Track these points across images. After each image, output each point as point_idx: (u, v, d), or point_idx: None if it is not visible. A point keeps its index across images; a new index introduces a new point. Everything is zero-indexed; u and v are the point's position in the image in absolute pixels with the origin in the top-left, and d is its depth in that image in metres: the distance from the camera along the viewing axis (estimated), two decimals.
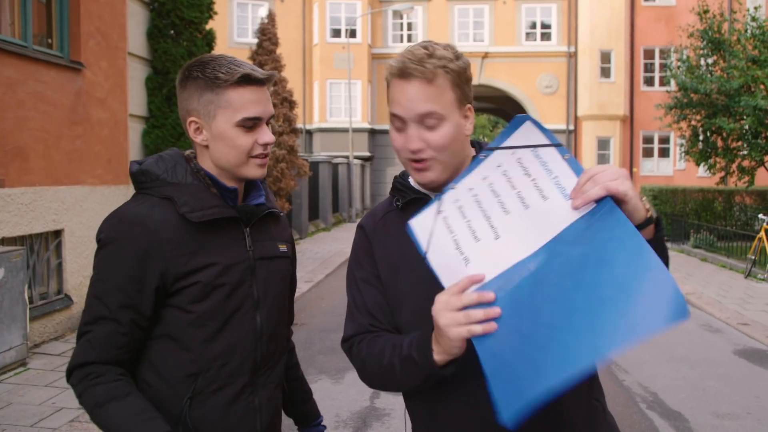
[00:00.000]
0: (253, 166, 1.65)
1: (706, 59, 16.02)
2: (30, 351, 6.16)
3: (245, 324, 1.66)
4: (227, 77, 1.58)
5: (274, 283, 1.74)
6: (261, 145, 1.64)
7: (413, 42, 16.35)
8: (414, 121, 1.52)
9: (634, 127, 28.10)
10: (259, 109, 1.62)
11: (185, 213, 1.59)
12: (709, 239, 15.14)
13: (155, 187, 1.62)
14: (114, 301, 1.57)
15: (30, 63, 6.49)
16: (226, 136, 1.62)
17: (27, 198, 6.41)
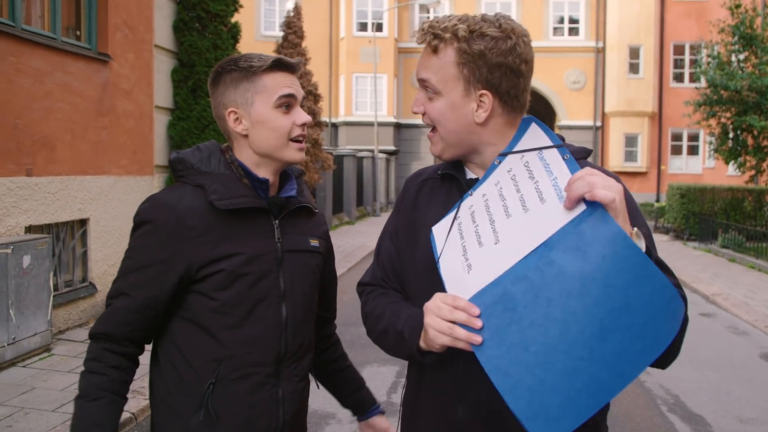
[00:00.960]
0: (292, 149, 1.70)
1: (738, 55, 15.76)
2: (54, 337, 6.26)
3: (270, 315, 1.68)
4: (261, 64, 1.67)
5: (301, 276, 1.76)
6: (299, 126, 1.70)
7: None
8: (420, 85, 1.55)
9: (662, 124, 27.74)
10: (293, 89, 1.70)
11: (213, 200, 1.63)
12: (737, 239, 14.91)
13: (190, 175, 1.68)
14: (134, 280, 1.65)
15: (58, 54, 6.57)
16: (267, 119, 1.68)
17: (53, 187, 6.49)
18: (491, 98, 1.49)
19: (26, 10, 6.52)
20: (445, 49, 1.47)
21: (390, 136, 28.78)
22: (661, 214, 19.92)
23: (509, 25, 1.47)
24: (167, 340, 1.71)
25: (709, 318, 8.86)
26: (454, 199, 1.59)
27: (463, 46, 1.45)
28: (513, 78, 1.48)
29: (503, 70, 1.46)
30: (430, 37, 1.49)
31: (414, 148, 29.73)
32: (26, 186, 6.12)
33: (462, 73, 1.47)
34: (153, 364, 1.77)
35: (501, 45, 1.45)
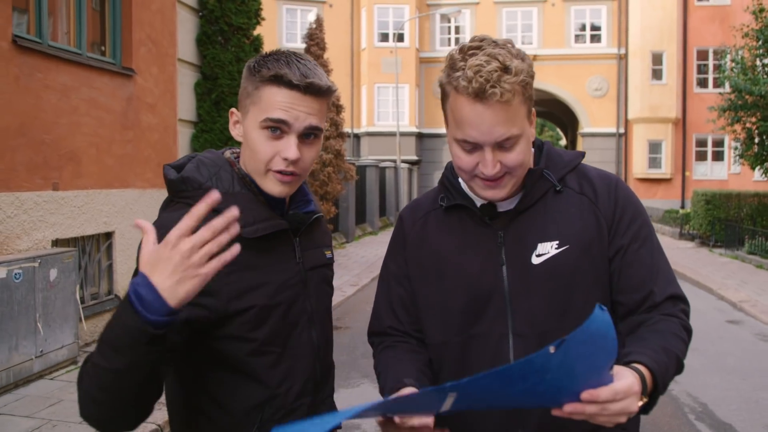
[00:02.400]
0: (271, 180, 1.47)
1: (762, 59, 15.56)
2: (81, 350, 6.33)
3: (303, 341, 1.54)
4: (265, 73, 1.44)
5: (323, 292, 1.65)
6: (282, 160, 1.44)
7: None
8: (491, 146, 1.42)
9: (686, 129, 27.46)
10: (287, 114, 1.43)
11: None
12: (765, 245, 14.68)
13: (197, 196, 1.34)
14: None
15: (84, 70, 6.68)
16: (250, 137, 1.47)
17: (79, 201, 6.59)
18: (534, 113, 1.52)
19: (52, 27, 6.65)
20: (517, 96, 1.40)
21: (412, 146, 28.80)
22: (687, 220, 19.70)
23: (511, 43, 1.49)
24: (196, 391, 1.50)
25: (736, 325, 8.74)
26: (469, 227, 1.58)
27: (522, 81, 1.40)
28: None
29: (532, 85, 1.48)
30: (508, 86, 1.37)
31: (436, 157, 29.72)
32: (53, 200, 6.22)
33: (526, 105, 1.45)
34: (176, 415, 1.58)
35: (531, 63, 1.46)
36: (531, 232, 1.53)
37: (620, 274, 1.53)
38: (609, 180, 1.60)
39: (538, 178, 1.55)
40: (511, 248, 1.54)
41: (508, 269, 1.53)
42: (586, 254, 1.51)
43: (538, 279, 1.50)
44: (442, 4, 28.86)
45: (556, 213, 1.54)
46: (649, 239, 1.56)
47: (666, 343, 1.40)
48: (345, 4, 29.34)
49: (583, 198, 1.56)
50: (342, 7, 29.29)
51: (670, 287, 1.52)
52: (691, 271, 12.85)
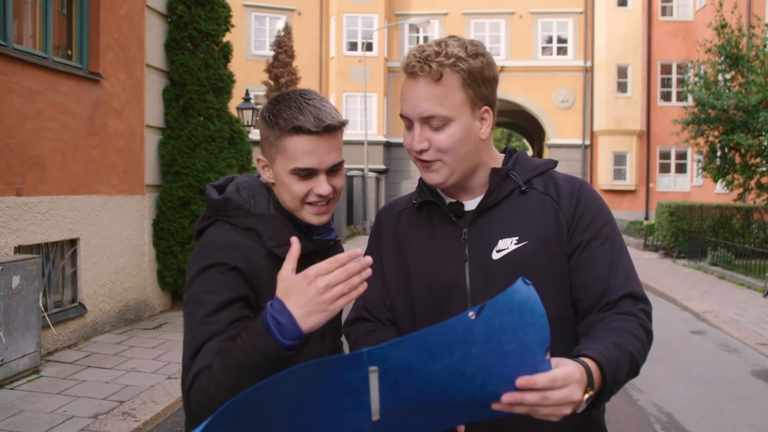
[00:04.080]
0: (308, 212, 1.62)
1: (724, 75, 15.91)
2: (43, 359, 6.19)
3: (315, 351, 1.64)
4: (283, 124, 1.56)
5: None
6: (317, 195, 1.59)
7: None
8: (419, 121, 1.50)
9: (650, 142, 27.95)
10: (313, 160, 1.56)
11: (272, 248, 1.57)
12: (726, 257, 14.98)
13: (237, 216, 1.60)
14: (223, 320, 1.48)
15: (49, 74, 6.56)
16: (283, 182, 1.60)
17: (43, 207, 6.45)
18: (490, 113, 1.55)
19: (17, 30, 6.53)
20: (451, 75, 1.48)
21: (380, 155, 28.84)
22: (651, 232, 20.01)
23: (481, 44, 1.55)
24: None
25: (700, 335, 8.88)
26: (436, 224, 1.63)
27: (465, 67, 1.48)
28: (495, 90, 1.57)
29: (493, 84, 1.54)
30: (433, 65, 1.47)
31: (404, 167, 29.79)
32: (16, 206, 6.08)
33: (467, 94, 1.50)
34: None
35: (490, 61, 1.53)
36: (493, 229, 1.56)
37: (578, 270, 1.54)
38: (574, 182, 1.64)
39: (503, 178, 1.59)
40: (474, 245, 1.57)
41: (470, 265, 1.56)
42: (545, 250, 1.53)
43: (498, 274, 1.52)
44: (411, 14, 29.01)
45: (519, 211, 1.57)
46: (611, 238, 1.56)
47: (618, 339, 1.39)
48: (314, 12, 29.33)
49: (546, 197, 1.59)
50: (311, 16, 29.27)
51: (629, 285, 1.51)
52: (655, 282, 13.05)
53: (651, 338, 1.48)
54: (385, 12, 28.73)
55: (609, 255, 1.53)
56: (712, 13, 17.21)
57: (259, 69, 23.66)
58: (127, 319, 7.93)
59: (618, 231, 1.60)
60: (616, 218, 8.93)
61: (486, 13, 29.22)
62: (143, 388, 5.60)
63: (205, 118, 8.77)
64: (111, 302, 7.60)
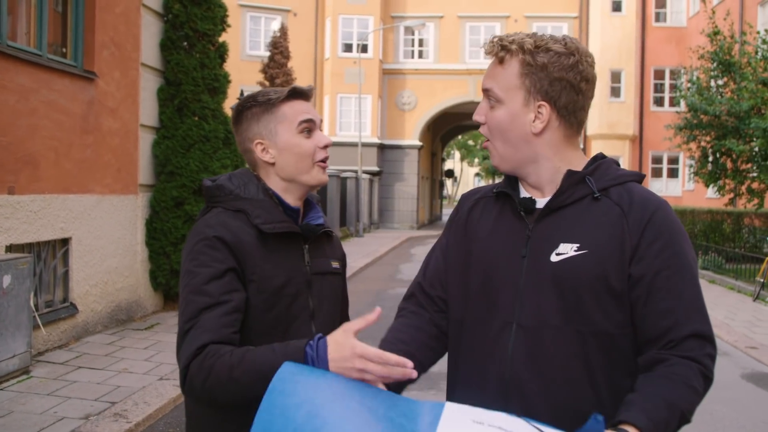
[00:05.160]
0: (318, 170, 1.84)
1: (717, 81, 16.00)
2: (33, 359, 6.16)
3: (302, 333, 1.76)
4: (278, 95, 1.82)
5: (327, 296, 1.88)
6: (321, 149, 1.84)
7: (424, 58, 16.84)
8: (483, 94, 1.62)
9: (643, 147, 28.07)
10: (310, 114, 1.83)
11: (259, 224, 1.73)
12: (717, 261, 15.06)
13: (228, 201, 1.78)
14: (215, 290, 1.64)
15: (44, 72, 6.54)
16: (292, 145, 1.82)
17: (36, 206, 6.43)
18: (548, 110, 1.56)
19: (12, 27, 6.50)
20: (511, 60, 1.55)
21: (374, 156, 28.83)
22: None
23: (574, 44, 1.56)
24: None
25: None
26: (507, 216, 1.65)
27: (527, 58, 1.54)
28: (572, 94, 1.55)
29: (563, 84, 1.54)
30: (498, 48, 1.57)
31: (398, 168, 29.80)
32: (8, 204, 6.06)
33: (524, 83, 1.55)
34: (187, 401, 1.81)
35: (563, 60, 1.54)
36: (558, 232, 1.56)
37: (646, 299, 1.48)
38: (650, 200, 1.57)
39: (577, 181, 1.58)
40: (535, 243, 1.57)
41: (528, 262, 1.57)
42: (601, 262, 1.50)
43: (551, 276, 1.53)
44: (406, 16, 29.02)
45: (587, 218, 1.55)
46: (683, 270, 1.50)
47: (672, 395, 1.38)
48: (309, 13, 29.33)
49: (617, 208, 1.54)
50: (306, 17, 29.27)
51: (698, 324, 1.46)
52: None
53: (709, 385, 1.45)
54: (380, 14, 28.74)
55: (680, 287, 1.48)
56: (705, 20, 17.30)
57: (254, 69, 23.62)
58: (118, 320, 7.90)
59: (693, 261, 1.54)
60: None
61: (481, 16, 29.27)
62: (135, 389, 5.58)
63: (199, 118, 8.75)
64: (103, 302, 7.57)
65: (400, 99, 29.62)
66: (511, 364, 1.53)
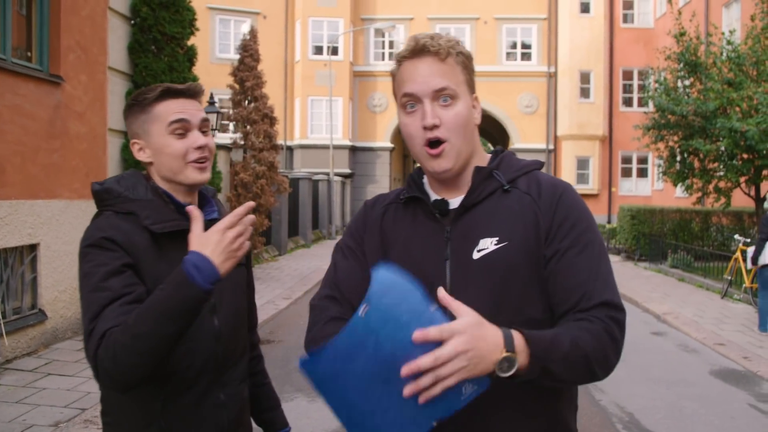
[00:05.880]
0: (191, 170, 1.79)
1: (683, 81, 16.22)
2: (1, 367, 6.06)
3: (204, 326, 1.76)
4: (151, 94, 1.78)
5: (228, 288, 1.85)
6: (195, 149, 1.78)
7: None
8: (429, 97, 1.54)
9: (612, 147, 28.41)
10: (186, 114, 1.77)
11: (148, 225, 1.72)
12: (686, 259, 15.28)
13: (118, 204, 1.76)
14: (116, 284, 1.63)
15: (8, 76, 6.44)
16: (162, 144, 1.77)
17: (2, 211, 6.33)
18: (479, 101, 1.64)
19: None
20: (454, 56, 1.56)
21: (345, 159, 28.82)
22: (613, 235, 20.31)
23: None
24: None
25: (660, 337, 9.04)
26: (421, 221, 1.63)
27: (462, 52, 1.58)
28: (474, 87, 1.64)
29: (471, 69, 1.62)
30: (437, 46, 1.55)
31: (369, 171, 29.82)
32: None
33: (466, 77, 1.59)
34: (102, 388, 1.83)
35: (470, 57, 1.62)
36: (476, 229, 1.56)
37: (557, 276, 1.52)
38: (557, 185, 1.61)
39: (486, 176, 1.60)
40: (456, 243, 1.57)
41: (451, 264, 1.56)
42: (524, 251, 1.52)
43: (477, 274, 1.52)
44: (376, 18, 29.06)
45: (501, 211, 1.57)
46: (591, 245, 1.54)
47: (563, 330, 1.41)
48: (279, 16, 29.24)
49: (527, 197, 1.58)
50: (276, 19, 29.17)
51: (605, 293, 1.50)
52: (618, 285, 13.22)
53: (616, 345, 1.46)
54: (350, 16, 28.76)
55: (588, 263, 1.52)
56: (671, 21, 17.57)
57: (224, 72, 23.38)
58: None
59: (599, 237, 1.59)
60: None
61: (451, 18, 29.41)
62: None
63: None
64: (72, 308, 7.47)
65: (372, 101, 29.64)
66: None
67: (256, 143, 14.57)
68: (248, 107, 14.63)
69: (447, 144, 1.55)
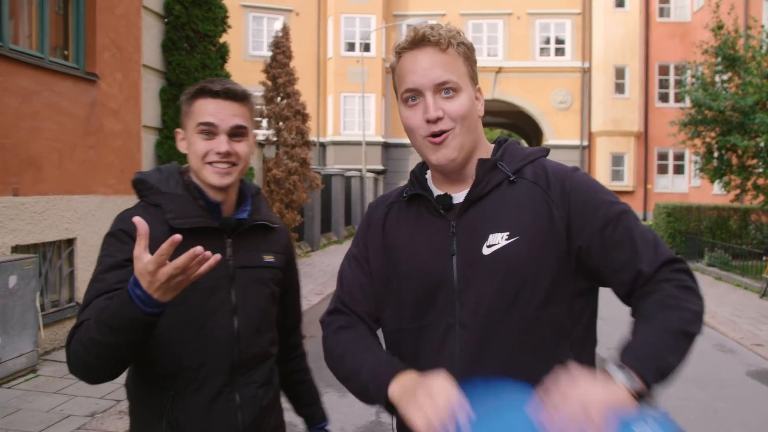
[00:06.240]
0: (209, 172, 1.77)
1: (721, 76, 15.91)
2: (40, 358, 6.20)
3: (222, 327, 1.77)
4: (193, 90, 1.81)
5: (254, 290, 1.85)
6: (216, 153, 1.76)
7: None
8: (430, 90, 1.50)
9: (648, 143, 28.00)
10: (214, 118, 1.75)
11: (169, 219, 1.74)
12: (723, 258, 14.98)
13: (149, 195, 1.80)
14: (112, 279, 1.68)
15: (46, 74, 6.58)
16: (190, 141, 1.79)
17: (40, 207, 6.47)
18: (481, 93, 1.60)
19: (14, 30, 6.53)
20: (455, 47, 1.52)
21: (378, 155, 28.86)
22: None
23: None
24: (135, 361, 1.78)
25: None
26: (425, 217, 1.61)
27: (463, 44, 1.54)
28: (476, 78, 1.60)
29: (473, 59, 1.58)
30: (437, 36, 1.51)
31: (402, 167, 29.81)
32: (13, 205, 6.10)
33: (468, 68, 1.55)
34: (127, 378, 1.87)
35: (471, 48, 1.58)
36: (483, 223, 1.52)
37: (606, 260, 1.49)
38: (565, 170, 1.59)
39: (490, 168, 1.56)
40: (462, 239, 1.53)
41: (458, 259, 1.52)
42: (536, 244, 1.49)
43: (487, 270, 1.49)
44: (408, 14, 29.04)
45: (509, 203, 1.53)
46: (620, 216, 1.51)
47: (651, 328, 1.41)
48: (312, 13, 29.36)
49: (536, 187, 1.54)
50: (309, 16, 29.31)
51: (658, 255, 1.47)
52: None
53: (694, 292, 1.45)
54: (382, 13, 28.77)
55: (627, 233, 1.49)
56: (709, 14, 17.24)
57: (256, 70, 23.57)
58: None
59: (623, 204, 1.55)
60: None
61: (484, 14, 29.26)
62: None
63: None
64: None
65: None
66: (461, 366, 1.49)
67: (288, 139, 14.64)
68: (280, 104, 14.71)
69: (450, 133, 1.52)
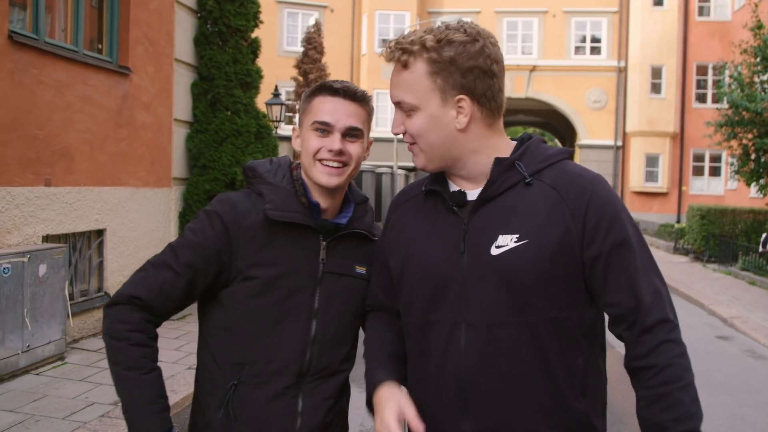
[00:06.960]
0: (319, 170, 1.76)
1: (760, 76, 15.58)
2: (68, 346, 6.32)
3: (298, 329, 1.75)
4: (313, 88, 1.82)
5: (340, 299, 1.80)
6: (328, 151, 1.74)
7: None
8: (395, 106, 1.56)
9: (684, 144, 27.51)
10: (331, 117, 1.74)
11: (266, 209, 1.73)
12: (758, 262, 14.69)
13: (256, 183, 1.80)
14: (183, 257, 1.72)
15: (80, 67, 6.68)
16: (304, 138, 1.80)
17: (71, 197, 6.58)
18: (469, 102, 1.51)
19: (50, 24, 6.65)
20: (415, 63, 1.49)
21: (409, 152, 28.80)
22: (681, 235, 19.72)
23: (474, 29, 1.50)
24: (202, 339, 1.84)
25: (726, 341, 8.74)
26: (440, 213, 1.60)
27: (432, 56, 1.47)
28: (487, 79, 1.50)
29: (476, 73, 1.49)
30: (399, 53, 1.50)
31: None
32: (44, 196, 6.21)
33: (435, 83, 1.49)
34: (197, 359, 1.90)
35: (470, 48, 1.48)
36: (494, 223, 1.51)
37: (605, 278, 1.48)
38: (586, 177, 1.54)
39: (506, 168, 1.53)
40: (473, 237, 1.52)
41: (468, 258, 1.52)
42: (544, 250, 1.47)
43: (495, 271, 1.48)
44: (443, 11, 28.93)
45: (522, 205, 1.50)
46: (630, 240, 1.50)
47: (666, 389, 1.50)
48: (346, 9, 29.41)
49: (553, 192, 1.51)
50: (343, 12, 29.35)
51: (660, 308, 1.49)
52: (683, 286, 12.86)
53: (684, 347, 1.53)
54: (417, 9, 28.70)
55: (632, 258, 1.48)
56: (750, 13, 16.86)
57: (290, 65, 23.78)
58: None
59: (636, 230, 1.54)
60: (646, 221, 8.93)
61: (519, 11, 29.02)
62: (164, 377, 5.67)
63: (232, 113, 8.87)
64: None
65: None
66: (466, 364, 1.50)
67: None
68: None
69: (415, 147, 1.57)
